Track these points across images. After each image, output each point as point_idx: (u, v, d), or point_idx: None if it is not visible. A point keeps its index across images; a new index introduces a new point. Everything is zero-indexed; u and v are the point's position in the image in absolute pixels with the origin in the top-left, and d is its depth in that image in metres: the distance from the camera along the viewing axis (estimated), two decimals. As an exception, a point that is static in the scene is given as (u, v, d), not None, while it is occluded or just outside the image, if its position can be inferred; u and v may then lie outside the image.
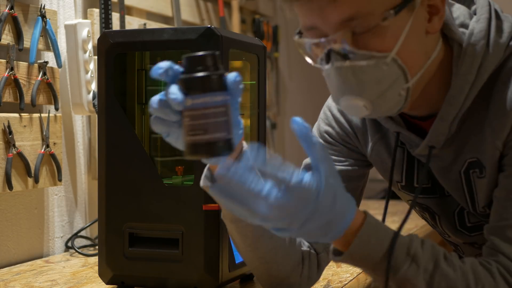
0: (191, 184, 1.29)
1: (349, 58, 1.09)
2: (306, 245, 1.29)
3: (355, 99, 1.12)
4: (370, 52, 1.08)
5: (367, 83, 1.10)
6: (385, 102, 1.12)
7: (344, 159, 1.35)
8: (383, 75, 1.09)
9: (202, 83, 0.93)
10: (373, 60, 1.09)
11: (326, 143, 1.35)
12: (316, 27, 1.12)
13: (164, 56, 1.46)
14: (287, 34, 3.52)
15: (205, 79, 0.93)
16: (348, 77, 1.10)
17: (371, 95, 1.11)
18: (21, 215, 1.74)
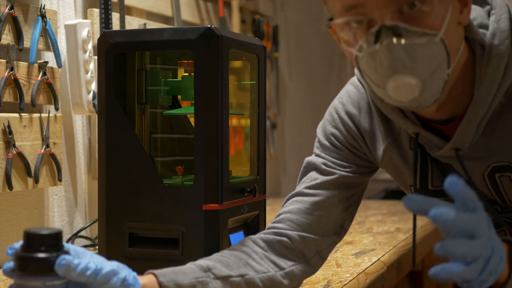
0: (191, 184, 1.29)
1: (401, 35, 1.06)
2: (288, 264, 1.25)
3: (408, 77, 1.08)
4: (423, 29, 1.06)
5: (420, 61, 1.07)
6: (433, 84, 1.10)
7: (348, 164, 1.33)
8: (433, 54, 1.07)
9: (25, 265, 0.93)
10: (425, 38, 1.07)
11: (332, 146, 1.34)
12: (360, 6, 1.09)
13: (164, 56, 1.46)
14: (287, 34, 3.52)
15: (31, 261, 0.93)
16: (401, 55, 1.07)
17: (424, 74, 1.08)
18: (21, 215, 1.74)
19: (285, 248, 1.26)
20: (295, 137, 3.67)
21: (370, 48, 1.08)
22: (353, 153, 1.33)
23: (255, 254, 1.22)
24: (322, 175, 1.33)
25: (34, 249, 0.93)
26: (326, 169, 1.33)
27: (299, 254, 1.27)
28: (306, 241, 1.28)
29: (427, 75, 1.08)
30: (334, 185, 1.31)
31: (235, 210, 1.34)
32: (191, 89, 1.36)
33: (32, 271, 0.92)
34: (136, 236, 1.33)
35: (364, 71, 1.13)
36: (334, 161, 1.33)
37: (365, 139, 1.31)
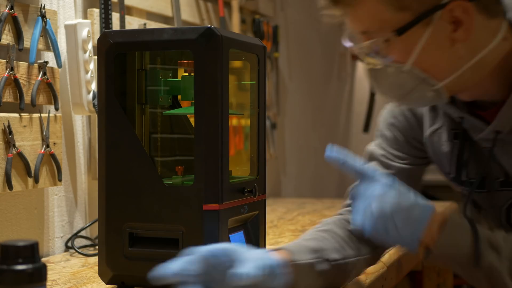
0: (191, 184, 1.29)
1: (373, 62, 1.25)
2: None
3: (384, 95, 1.29)
4: (388, 60, 1.23)
5: (389, 86, 1.26)
6: (412, 101, 1.28)
7: (404, 156, 1.45)
8: (403, 81, 1.24)
9: (1, 278, 0.93)
10: (392, 68, 1.23)
11: (391, 135, 1.47)
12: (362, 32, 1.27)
13: (164, 56, 1.46)
14: (287, 34, 3.52)
15: (7, 274, 0.93)
16: (374, 78, 1.27)
17: (394, 96, 1.28)
18: (21, 215, 1.74)
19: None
20: (295, 137, 3.67)
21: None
22: (410, 144, 1.45)
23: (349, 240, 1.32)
24: (382, 167, 1.46)
25: (10, 261, 0.93)
26: (385, 161, 1.46)
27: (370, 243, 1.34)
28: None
29: (398, 97, 1.27)
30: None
31: (235, 210, 1.34)
32: (191, 89, 1.36)
33: (8, 283, 0.92)
34: (136, 236, 1.33)
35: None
36: (392, 153, 1.46)
37: (421, 125, 1.44)
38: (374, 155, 1.47)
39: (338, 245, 1.29)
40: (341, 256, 1.28)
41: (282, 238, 2.01)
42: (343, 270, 1.29)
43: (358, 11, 1.22)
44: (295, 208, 2.73)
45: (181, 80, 1.42)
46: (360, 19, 1.23)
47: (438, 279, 2.71)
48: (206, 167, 1.28)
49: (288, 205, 2.84)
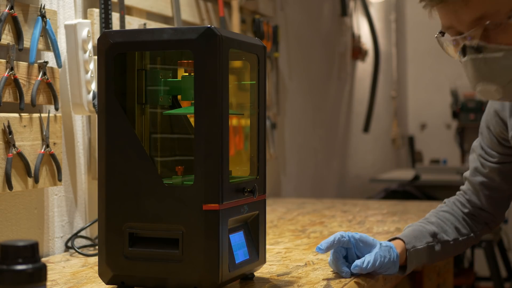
0: (191, 184, 1.29)
1: (481, 51, 1.32)
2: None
3: (489, 84, 1.35)
4: (499, 45, 1.31)
5: (498, 71, 1.33)
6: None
7: (498, 155, 1.65)
8: (511, 64, 1.32)
9: (1, 278, 0.94)
10: (502, 52, 1.31)
11: (486, 137, 1.67)
12: (452, 27, 1.35)
13: (164, 56, 1.46)
14: (287, 34, 3.52)
15: (7, 274, 0.94)
16: (481, 67, 1.34)
17: (502, 81, 1.34)
18: (21, 215, 1.74)
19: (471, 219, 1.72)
20: (295, 137, 3.67)
21: (463, 59, 1.36)
22: (501, 144, 1.64)
23: (462, 220, 1.70)
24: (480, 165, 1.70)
25: (10, 261, 0.93)
26: (482, 161, 1.69)
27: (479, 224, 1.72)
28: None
29: (505, 81, 1.34)
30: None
31: (235, 210, 1.34)
32: (191, 89, 1.36)
33: (8, 283, 0.92)
34: (136, 236, 1.33)
35: (465, 74, 1.40)
36: (488, 152, 1.67)
37: (508, 128, 1.60)
38: (475, 151, 1.72)
39: (454, 226, 1.67)
40: (454, 236, 1.66)
41: (282, 238, 2.01)
42: (452, 248, 1.66)
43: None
44: (295, 208, 2.73)
45: (181, 80, 1.42)
46: (477, 4, 1.29)
47: (438, 279, 2.70)
48: (206, 167, 1.28)
49: (288, 205, 2.84)
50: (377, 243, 1.51)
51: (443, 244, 1.64)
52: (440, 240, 1.63)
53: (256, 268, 1.45)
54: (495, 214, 1.71)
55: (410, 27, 6.67)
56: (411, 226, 1.66)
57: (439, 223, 1.67)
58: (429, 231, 1.63)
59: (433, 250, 1.62)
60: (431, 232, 1.63)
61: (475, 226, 1.70)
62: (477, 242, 1.72)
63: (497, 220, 1.72)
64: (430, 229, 1.64)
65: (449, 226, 1.67)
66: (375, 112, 5.06)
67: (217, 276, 1.28)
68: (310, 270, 1.55)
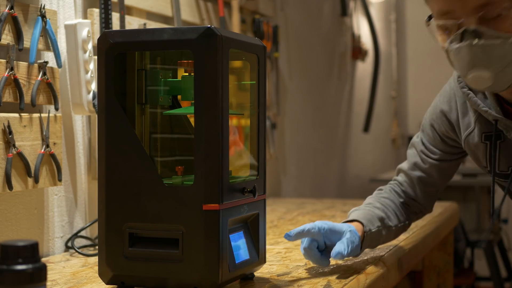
0: (191, 184, 1.29)
1: (480, 37, 1.36)
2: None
3: (482, 71, 1.39)
4: (498, 32, 1.36)
5: (494, 58, 1.38)
6: (504, 76, 1.39)
7: (440, 152, 1.71)
8: (505, 52, 1.37)
9: (2, 278, 0.94)
10: (499, 40, 1.36)
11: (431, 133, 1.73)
12: (451, 12, 1.39)
13: (164, 56, 1.46)
14: (287, 34, 3.52)
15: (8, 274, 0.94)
16: (478, 53, 1.38)
17: (497, 68, 1.38)
18: (21, 215, 1.74)
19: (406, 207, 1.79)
20: (295, 137, 3.67)
21: (456, 45, 1.39)
22: (444, 142, 1.70)
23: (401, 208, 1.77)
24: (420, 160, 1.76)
25: (10, 261, 0.93)
26: (423, 157, 1.75)
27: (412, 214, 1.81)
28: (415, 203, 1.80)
29: (499, 69, 1.38)
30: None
31: (235, 210, 1.34)
32: (191, 89, 1.36)
33: (8, 283, 0.92)
34: (136, 236, 1.33)
35: (452, 62, 1.44)
36: (430, 149, 1.73)
37: (455, 130, 1.66)
38: (415, 147, 1.77)
39: (394, 213, 1.73)
40: (395, 223, 1.71)
41: (282, 238, 2.01)
42: (392, 234, 1.72)
43: None
44: (295, 208, 2.73)
45: (181, 80, 1.42)
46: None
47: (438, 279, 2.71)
48: (206, 167, 1.28)
49: (288, 205, 2.84)
50: (344, 229, 1.54)
51: (388, 229, 1.69)
52: (385, 225, 1.68)
53: (256, 268, 1.45)
54: (426, 206, 1.80)
55: (410, 27, 6.67)
56: (358, 209, 1.69)
57: (383, 208, 1.71)
58: (378, 215, 1.67)
59: (380, 235, 1.66)
60: (379, 217, 1.67)
61: (408, 215, 1.78)
62: (406, 230, 1.81)
63: (426, 211, 1.82)
64: (378, 213, 1.68)
65: (391, 212, 1.72)
66: (375, 112, 5.05)
67: (217, 276, 1.28)
68: (310, 270, 1.55)
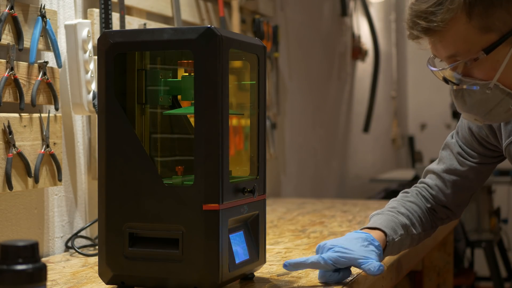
0: (191, 184, 1.29)
1: (458, 84, 1.40)
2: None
3: (470, 114, 1.44)
4: (474, 80, 1.39)
5: (474, 104, 1.41)
6: (494, 117, 1.43)
7: (477, 155, 1.66)
8: (487, 97, 1.39)
9: (2, 277, 0.94)
10: (478, 86, 1.38)
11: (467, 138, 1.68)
12: (437, 56, 1.43)
13: (164, 56, 1.46)
14: (287, 34, 3.52)
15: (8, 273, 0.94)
16: (460, 98, 1.42)
17: (480, 112, 1.42)
18: (21, 215, 1.74)
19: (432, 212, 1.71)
20: (295, 137, 3.67)
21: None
22: (483, 146, 1.65)
23: (426, 215, 1.69)
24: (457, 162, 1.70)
25: (10, 261, 0.93)
26: (460, 159, 1.69)
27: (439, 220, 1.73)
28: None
29: (482, 114, 1.41)
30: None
31: (235, 210, 1.34)
32: (191, 89, 1.36)
33: (8, 283, 0.92)
34: (136, 236, 1.33)
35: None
36: (467, 152, 1.67)
37: (497, 136, 1.62)
38: (451, 148, 1.71)
39: (419, 219, 1.66)
40: (419, 230, 1.65)
41: (282, 238, 2.01)
42: (415, 241, 1.66)
43: (448, 37, 1.37)
44: (295, 208, 2.73)
45: (181, 80, 1.42)
46: (450, 43, 1.37)
47: (438, 279, 2.71)
48: (206, 167, 1.28)
49: (288, 205, 2.84)
50: (359, 254, 1.43)
51: (411, 237, 1.63)
52: (409, 233, 1.62)
53: (256, 268, 1.45)
54: (455, 212, 1.72)
55: (410, 27, 6.67)
56: (381, 214, 1.63)
57: (408, 214, 1.65)
58: (402, 222, 1.61)
59: (403, 243, 1.61)
60: (403, 224, 1.61)
61: (434, 221, 1.71)
62: (430, 236, 1.74)
63: (453, 217, 1.74)
64: (402, 220, 1.62)
65: (416, 218, 1.66)
66: (375, 112, 5.05)
67: (217, 276, 1.28)
68: (310, 270, 1.55)
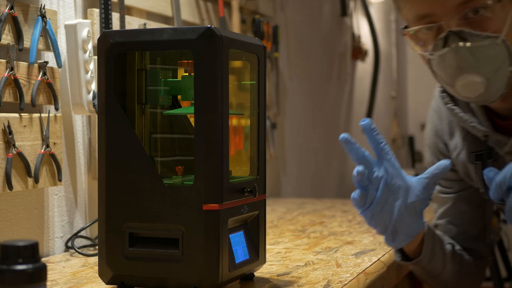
0: (191, 184, 1.29)
1: (466, 39, 1.23)
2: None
3: (473, 76, 1.25)
4: (485, 32, 1.23)
5: (484, 61, 1.24)
6: (497, 81, 1.27)
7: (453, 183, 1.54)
8: (496, 54, 1.24)
9: (1, 278, 0.93)
10: (488, 40, 1.23)
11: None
12: (431, 15, 1.25)
13: (164, 56, 1.46)
14: (287, 34, 3.52)
15: (8, 274, 0.93)
16: (467, 57, 1.23)
17: (488, 72, 1.25)
18: (21, 215, 1.74)
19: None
20: (295, 137, 3.67)
21: (440, 51, 1.25)
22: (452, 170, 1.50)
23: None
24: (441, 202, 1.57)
25: (10, 261, 0.93)
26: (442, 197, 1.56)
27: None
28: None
29: (490, 73, 1.25)
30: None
31: (235, 210, 1.34)
32: (191, 89, 1.36)
33: (8, 283, 0.92)
34: (136, 236, 1.33)
35: (436, 72, 1.29)
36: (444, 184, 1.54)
37: (449, 150, 1.50)
38: (435, 196, 1.58)
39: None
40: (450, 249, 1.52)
41: (282, 238, 2.01)
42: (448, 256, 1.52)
43: None
44: (295, 208, 2.73)
45: (181, 80, 1.42)
46: None
47: (438, 279, 2.70)
48: (206, 167, 1.28)
49: (288, 205, 2.84)
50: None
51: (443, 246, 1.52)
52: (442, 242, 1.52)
53: (256, 268, 1.45)
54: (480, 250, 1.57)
55: (410, 27, 6.68)
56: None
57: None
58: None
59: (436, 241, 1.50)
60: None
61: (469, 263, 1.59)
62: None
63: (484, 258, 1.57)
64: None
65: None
66: (375, 112, 5.05)
67: (217, 276, 1.28)
68: (310, 270, 1.55)
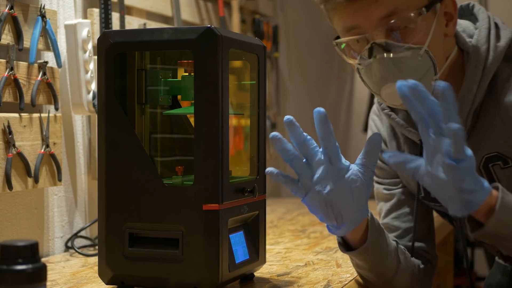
0: (191, 184, 1.29)
1: (389, 50, 1.28)
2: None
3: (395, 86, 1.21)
4: (407, 44, 1.27)
5: (407, 71, 1.27)
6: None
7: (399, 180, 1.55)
8: (418, 64, 1.28)
9: (1, 278, 0.93)
10: (410, 51, 1.27)
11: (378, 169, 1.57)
12: (357, 27, 1.30)
13: (164, 56, 1.46)
14: (287, 34, 3.52)
15: (7, 274, 0.93)
16: (390, 67, 1.28)
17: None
18: (21, 215, 1.74)
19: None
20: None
21: (366, 62, 1.30)
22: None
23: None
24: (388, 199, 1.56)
25: (10, 261, 0.93)
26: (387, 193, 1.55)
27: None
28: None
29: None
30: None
31: (235, 210, 1.34)
32: (191, 89, 1.36)
33: (8, 283, 0.92)
34: (136, 236, 1.33)
35: (364, 80, 1.34)
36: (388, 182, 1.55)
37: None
38: (380, 194, 1.58)
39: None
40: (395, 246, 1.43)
41: (282, 238, 2.01)
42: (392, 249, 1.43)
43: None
44: (295, 208, 2.73)
45: (181, 80, 1.42)
46: (387, 1, 1.27)
47: (438, 279, 2.70)
48: (206, 167, 1.28)
49: (288, 205, 2.84)
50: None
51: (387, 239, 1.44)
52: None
53: (256, 268, 1.45)
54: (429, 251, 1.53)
55: (410, 27, 6.68)
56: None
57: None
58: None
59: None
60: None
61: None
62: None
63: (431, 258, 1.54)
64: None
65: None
66: (375, 112, 5.05)
67: (217, 276, 1.28)
68: (310, 270, 1.55)
